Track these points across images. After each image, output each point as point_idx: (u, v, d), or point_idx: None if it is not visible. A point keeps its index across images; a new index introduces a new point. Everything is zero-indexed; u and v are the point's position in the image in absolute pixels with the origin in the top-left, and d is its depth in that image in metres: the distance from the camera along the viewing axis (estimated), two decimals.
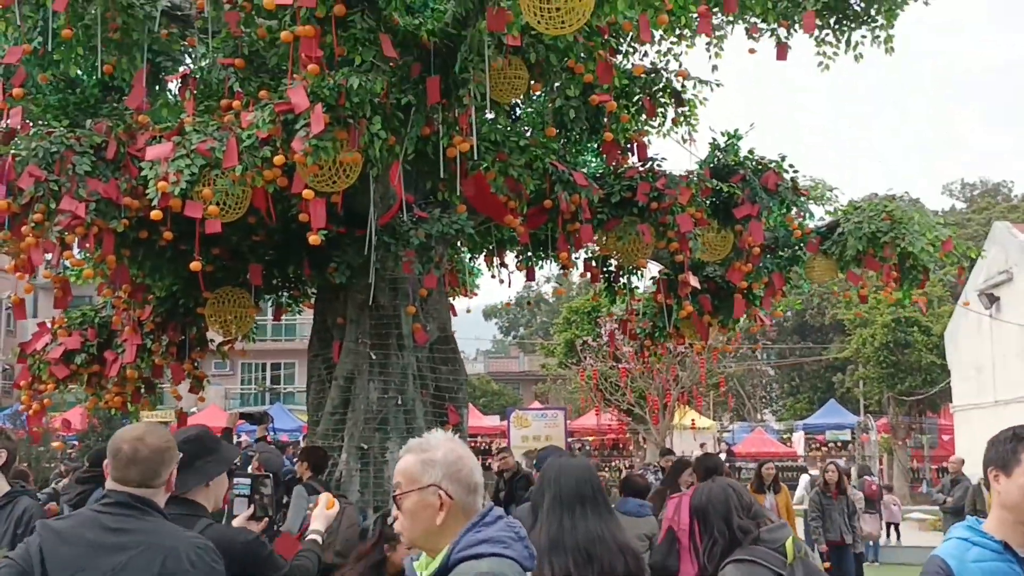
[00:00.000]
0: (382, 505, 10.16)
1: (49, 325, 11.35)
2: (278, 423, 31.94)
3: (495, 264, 13.56)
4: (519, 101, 10.91)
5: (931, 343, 35.11)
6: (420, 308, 10.61)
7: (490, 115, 9.32)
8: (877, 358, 36.65)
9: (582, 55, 9.04)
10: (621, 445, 38.16)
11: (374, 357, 10.37)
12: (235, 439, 11.80)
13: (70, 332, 11.14)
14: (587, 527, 4.56)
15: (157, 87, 10.09)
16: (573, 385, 38.16)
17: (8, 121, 9.32)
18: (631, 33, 10.11)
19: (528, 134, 10.38)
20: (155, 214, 7.74)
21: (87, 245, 8.93)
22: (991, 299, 26.22)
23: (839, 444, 39.90)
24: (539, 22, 7.01)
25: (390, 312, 10.49)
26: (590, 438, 38.37)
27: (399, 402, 10.41)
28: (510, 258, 13.71)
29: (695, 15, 9.56)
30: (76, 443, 27.54)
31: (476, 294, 15.99)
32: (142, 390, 11.48)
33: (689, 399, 31.72)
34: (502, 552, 3.20)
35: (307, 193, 7.82)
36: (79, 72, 10.45)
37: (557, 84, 9.77)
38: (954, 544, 3.94)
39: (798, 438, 42.11)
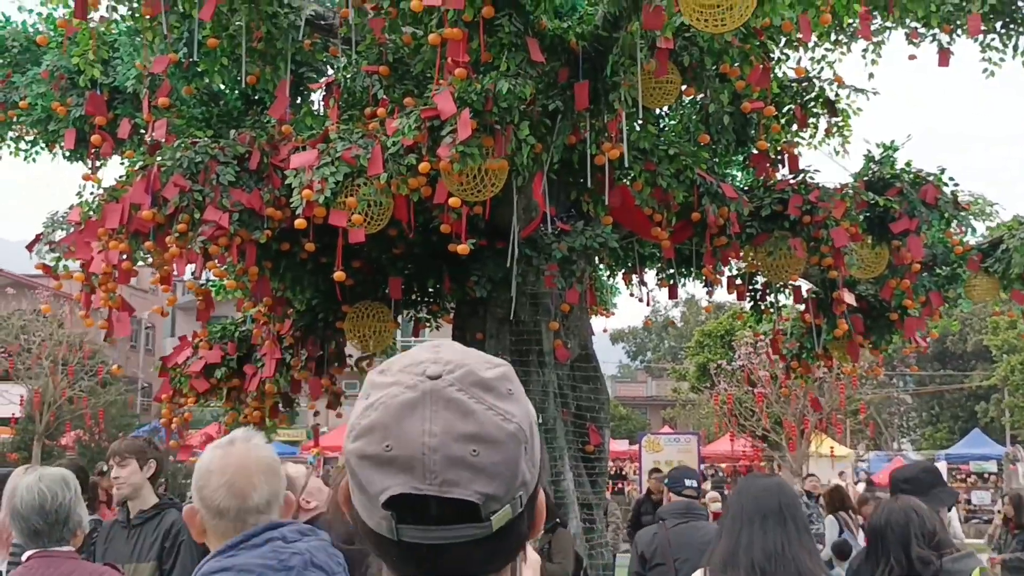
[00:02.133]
0: None
1: (190, 339, 11.38)
2: None
3: (633, 281, 13.23)
4: (665, 108, 10.59)
5: None
6: (561, 324, 10.32)
7: (637, 123, 8.99)
8: None
9: (736, 59, 8.65)
10: (755, 472, 37.27)
11: None
12: None
13: (211, 346, 11.15)
14: (765, 543, 4.16)
15: (299, 98, 10.03)
16: (706, 410, 37.45)
17: (154, 133, 9.37)
18: (785, 37, 9.67)
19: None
20: (299, 223, 7.61)
21: (229, 256, 8.87)
22: None
23: (985, 475, 38.35)
24: (698, 20, 6.68)
25: (531, 328, 10.22)
26: (723, 464, 37.59)
27: (540, 421, 10.08)
28: (650, 275, 13.40)
29: (854, 19, 9.13)
30: None
31: (613, 313, 15.69)
32: (279, 405, 11.43)
33: (827, 426, 30.79)
34: None
35: (454, 201, 7.62)
36: (221, 84, 10.50)
37: (708, 90, 9.36)
38: None
39: (941, 468, 40.61)
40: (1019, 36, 10.55)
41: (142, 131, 10.35)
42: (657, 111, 10.07)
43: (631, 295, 13.86)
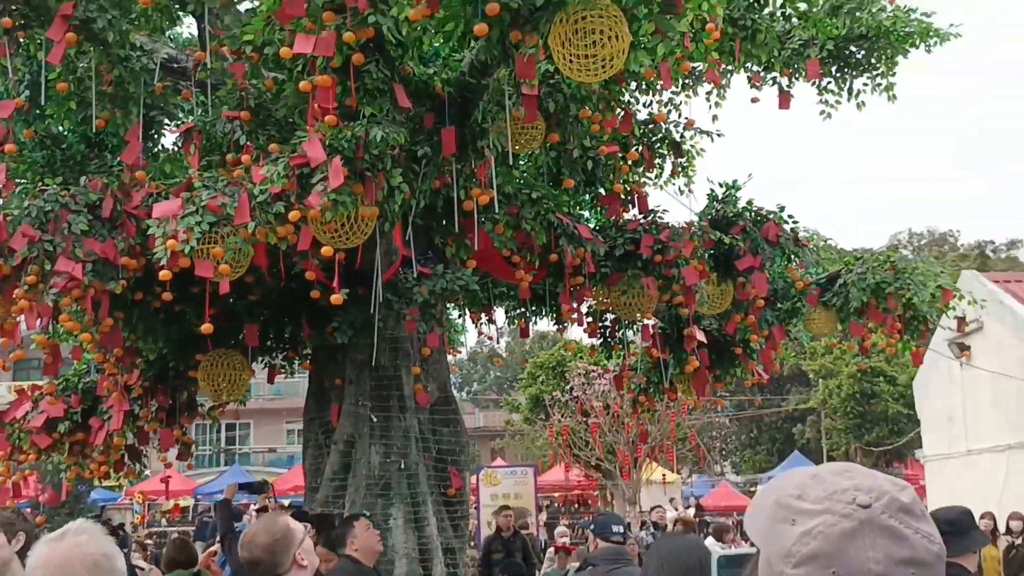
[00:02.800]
0: (387, 573, 9.76)
1: (28, 392, 10.87)
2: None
3: (482, 319, 13.27)
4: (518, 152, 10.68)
5: (897, 393, 35.21)
6: (422, 368, 10.27)
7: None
8: (844, 409, 36.69)
9: (598, 106, 8.79)
10: (589, 501, 37.72)
11: (375, 420, 10.00)
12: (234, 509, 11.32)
13: (55, 399, 10.68)
14: None
15: (150, 143, 9.74)
16: (541, 440, 37.72)
17: None
18: (641, 82, 9.90)
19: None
20: (164, 274, 7.35)
21: (82, 307, 8.51)
22: (961, 348, 26.24)
23: None
24: (570, 68, 6.76)
25: (391, 372, 10.13)
26: (556, 494, 37.95)
27: (402, 466, 10.02)
28: (499, 314, 13.48)
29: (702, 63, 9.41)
30: (28, 509, 26.54)
31: (460, 352, 15.71)
32: (126, 458, 11.02)
33: (659, 453, 31.44)
34: None
35: (326, 250, 7.50)
36: (62, 128, 10.13)
37: (571, 135, 9.48)
38: None
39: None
40: (853, 79, 11.07)
41: None
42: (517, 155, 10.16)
43: (480, 334, 13.92)
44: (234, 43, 8.23)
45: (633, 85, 10.32)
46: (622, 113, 9.53)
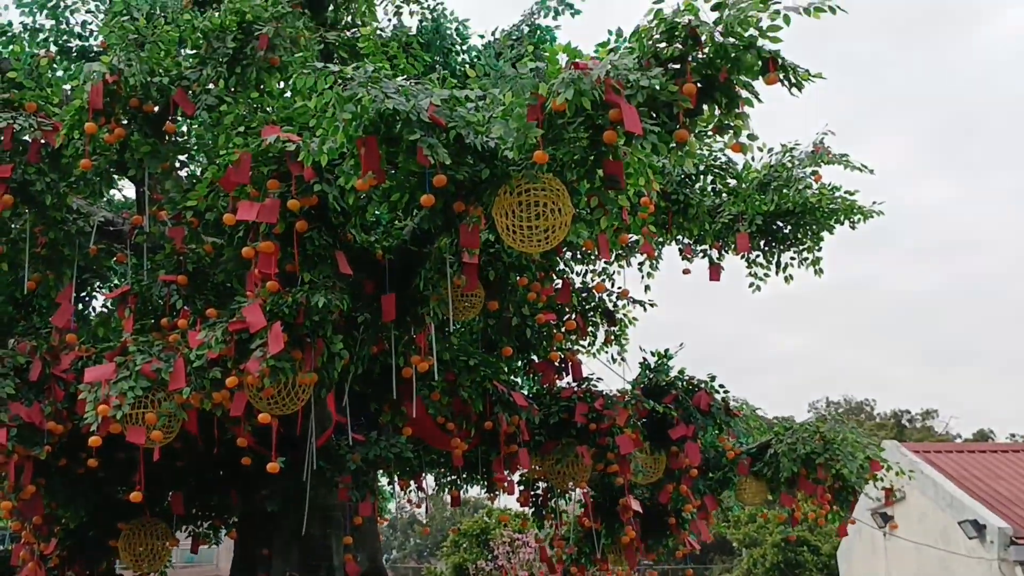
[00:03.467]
0: None
1: None
2: None
3: (411, 488, 13.07)
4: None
5: (821, 563, 35.08)
6: (353, 537, 10.02)
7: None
8: None
9: (535, 275, 8.89)
10: None
11: None
12: None
13: None
14: None
15: (80, 305, 9.59)
16: None
17: None
18: (577, 252, 10.06)
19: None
20: (94, 440, 7.17)
21: (3, 474, 8.23)
22: (884, 518, 26.36)
23: None
24: (512, 238, 6.84)
25: (320, 542, 9.89)
26: None
27: None
28: (428, 480, 13.28)
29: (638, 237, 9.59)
30: None
31: (387, 520, 15.43)
32: None
33: None
34: None
35: (263, 417, 7.36)
36: None
37: (509, 303, 9.54)
38: None
39: None
40: (780, 253, 11.33)
41: None
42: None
43: (409, 502, 13.70)
44: (173, 208, 8.22)
45: (568, 255, 10.48)
46: (560, 283, 9.64)
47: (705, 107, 6.62)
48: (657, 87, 6.20)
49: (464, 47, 11.69)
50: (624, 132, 6.24)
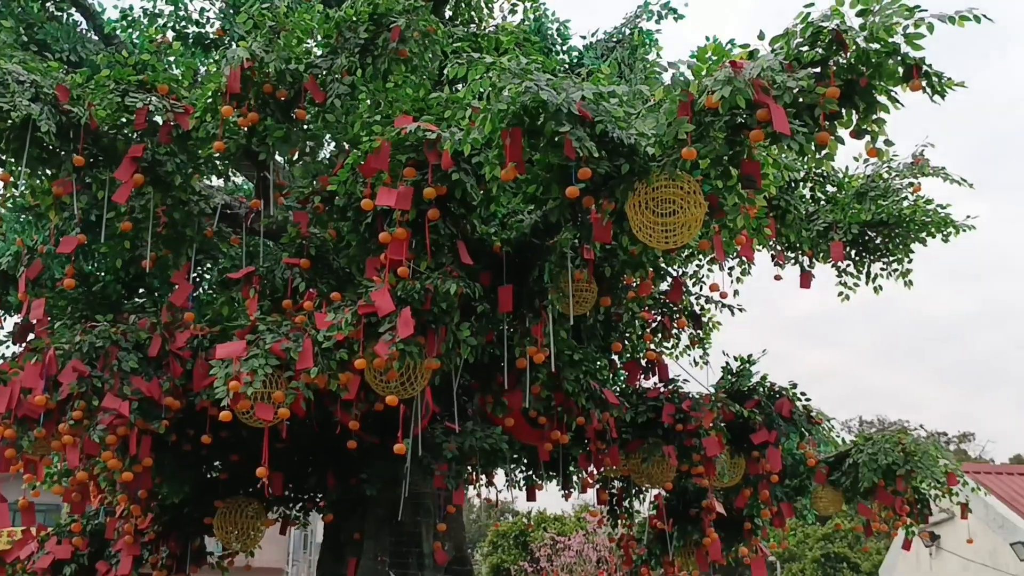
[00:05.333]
0: None
1: (34, 532, 10.59)
2: None
3: (481, 482, 13.18)
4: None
5: None
6: (447, 525, 10.17)
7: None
8: None
9: (646, 273, 9.00)
10: None
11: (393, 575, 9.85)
12: None
13: (60, 540, 10.44)
14: None
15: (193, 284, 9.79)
16: None
17: (30, 314, 8.90)
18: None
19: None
20: (224, 415, 7.32)
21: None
22: (932, 537, 26.29)
23: None
24: (645, 235, 6.96)
25: (411, 529, 10.03)
26: None
27: None
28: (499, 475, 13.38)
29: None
30: None
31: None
32: None
33: None
34: None
35: (391, 399, 7.51)
36: (95, 267, 10.17)
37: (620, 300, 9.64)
38: None
39: None
40: (871, 264, 11.39)
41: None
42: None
43: (478, 496, 13.80)
44: (300, 193, 8.40)
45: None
46: (672, 282, 9.76)
47: (843, 111, 6.72)
48: (804, 89, 6.31)
49: (564, 47, 11.84)
50: (771, 132, 6.36)
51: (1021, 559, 22.59)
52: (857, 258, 11.43)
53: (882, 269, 11.47)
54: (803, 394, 12.02)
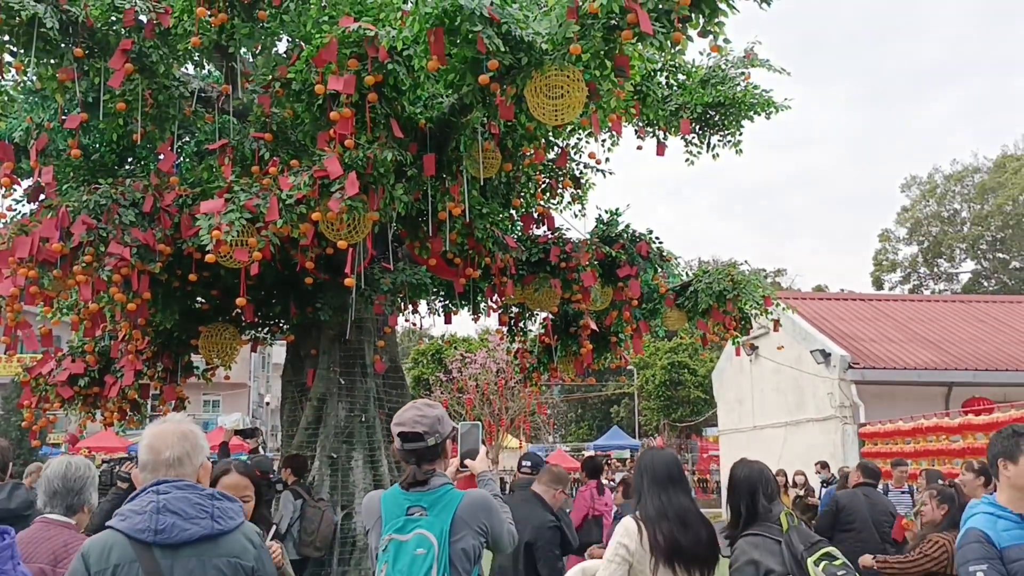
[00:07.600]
0: (348, 505, 9.93)
1: (52, 353, 10.65)
2: None
3: (407, 309, 13.47)
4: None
5: (697, 381, 36.57)
6: (384, 342, 10.47)
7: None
8: (657, 393, 37.83)
9: (539, 143, 9.19)
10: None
11: (343, 382, 10.17)
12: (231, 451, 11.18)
13: (73, 359, 10.52)
14: (679, 502, 4.63)
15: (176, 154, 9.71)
16: None
17: (40, 179, 8.84)
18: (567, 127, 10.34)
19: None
20: (210, 257, 7.43)
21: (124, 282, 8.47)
22: (752, 347, 27.55)
23: (624, 460, 40.85)
24: (540, 114, 7.14)
25: (356, 346, 10.32)
26: None
27: (363, 420, 10.22)
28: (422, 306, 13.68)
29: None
30: None
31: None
32: (127, 411, 10.89)
33: (519, 425, 31.91)
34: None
35: (342, 244, 7.69)
36: (91, 139, 10.00)
37: (518, 165, 9.83)
38: (983, 518, 4.12)
39: (590, 454, 42.73)
40: (711, 136, 11.72)
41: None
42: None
43: (406, 321, 14.11)
44: (262, 80, 8.35)
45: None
46: (559, 151, 9.96)
47: (693, 15, 6.91)
48: None
49: None
50: (638, 32, 6.53)
51: (817, 362, 23.88)
52: (700, 132, 11.72)
53: (719, 141, 11.79)
54: (657, 238, 12.43)
